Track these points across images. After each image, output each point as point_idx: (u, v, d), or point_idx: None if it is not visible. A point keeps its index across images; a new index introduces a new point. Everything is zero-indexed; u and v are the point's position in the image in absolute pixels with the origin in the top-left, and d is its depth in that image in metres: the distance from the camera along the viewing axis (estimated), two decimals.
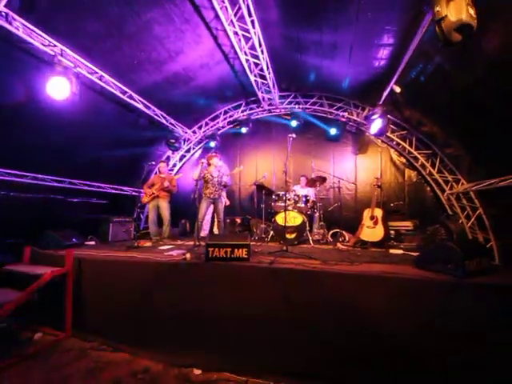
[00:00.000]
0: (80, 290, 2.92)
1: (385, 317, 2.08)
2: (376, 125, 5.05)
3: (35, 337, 2.79)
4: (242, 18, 3.64)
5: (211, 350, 2.41)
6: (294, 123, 6.07)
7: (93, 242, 4.55)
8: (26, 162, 4.33)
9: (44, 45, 3.56)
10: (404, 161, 5.56)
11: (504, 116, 3.02)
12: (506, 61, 2.60)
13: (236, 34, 3.90)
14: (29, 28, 3.34)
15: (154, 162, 4.61)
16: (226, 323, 2.43)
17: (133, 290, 2.74)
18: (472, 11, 1.91)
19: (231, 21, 3.65)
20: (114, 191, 6.08)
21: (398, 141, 5.47)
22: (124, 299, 2.74)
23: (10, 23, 3.17)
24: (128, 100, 4.97)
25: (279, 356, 2.26)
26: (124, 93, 4.88)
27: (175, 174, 4.96)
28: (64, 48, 3.76)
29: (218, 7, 3.42)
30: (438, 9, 1.96)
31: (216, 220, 4.71)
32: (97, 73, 4.33)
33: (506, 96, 2.87)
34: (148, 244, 4.40)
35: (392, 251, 3.65)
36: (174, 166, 7.31)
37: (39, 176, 4.66)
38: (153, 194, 4.65)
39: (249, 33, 3.87)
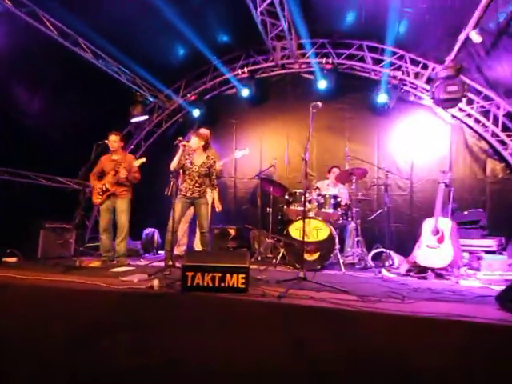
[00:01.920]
0: None
1: (455, 379, 2.07)
2: (444, 91, 5.00)
3: None
4: None
5: None
6: (321, 85, 6.03)
7: (14, 259, 4.57)
8: None
9: None
10: (486, 147, 5.53)
11: None
12: None
13: None
14: None
15: (106, 141, 4.58)
16: None
17: (71, 334, 2.72)
18: None
19: None
20: (46, 183, 6.10)
21: (477, 116, 5.41)
22: (56, 347, 2.72)
23: None
24: (71, 47, 4.98)
25: None
26: (66, 36, 4.89)
27: (137, 158, 4.82)
28: None
29: None
30: None
31: (198, 231, 4.72)
32: (28, 5, 4.36)
33: None
34: (96, 264, 4.41)
35: (464, 283, 3.65)
36: (139, 146, 7.34)
37: None
38: (106, 190, 4.63)
39: None
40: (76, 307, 2.82)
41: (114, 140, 4.67)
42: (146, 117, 6.82)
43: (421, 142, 5.91)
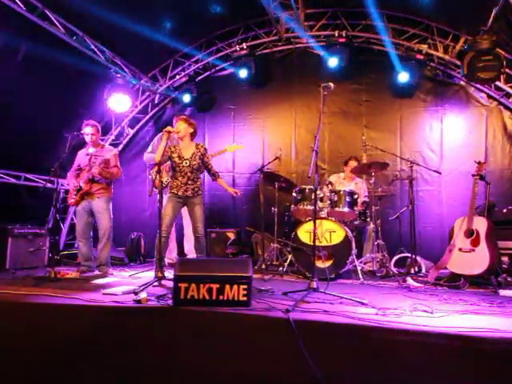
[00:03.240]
0: None
1: None
2: (476, 62, 4.98)
3: None
4: None
5: None
6: (333, 62, 6.02)
7: None
8: None
9: None
10: None
11: None
12: None
13: None
14: None
15: (82, 132, 4.58)
16: None
17: (45, 357, 2.73)
18: None
19: None
20: (13, 181, 6.11)
21: None
22: (27, 372, 2.73)
23: None
24: (39, 22, 4.97)
25: None
26: (32, 9, 4.89)
27: (119, 151, 4.80)
28: None
29: None
30: None
31: (191, 233, 4.72)
32: None
33: None
34: (74, 275, 4.43)
35: (504, 293, 3.64)
36: (119, 137, 7.37)
37: None
38: (79, 189, 4.60)
39: None
40: (51, 326, 2.82)
41: (89, 131, 4.60)
42: (128, 102, 6.79)
43: (451, 127, 5.90)
